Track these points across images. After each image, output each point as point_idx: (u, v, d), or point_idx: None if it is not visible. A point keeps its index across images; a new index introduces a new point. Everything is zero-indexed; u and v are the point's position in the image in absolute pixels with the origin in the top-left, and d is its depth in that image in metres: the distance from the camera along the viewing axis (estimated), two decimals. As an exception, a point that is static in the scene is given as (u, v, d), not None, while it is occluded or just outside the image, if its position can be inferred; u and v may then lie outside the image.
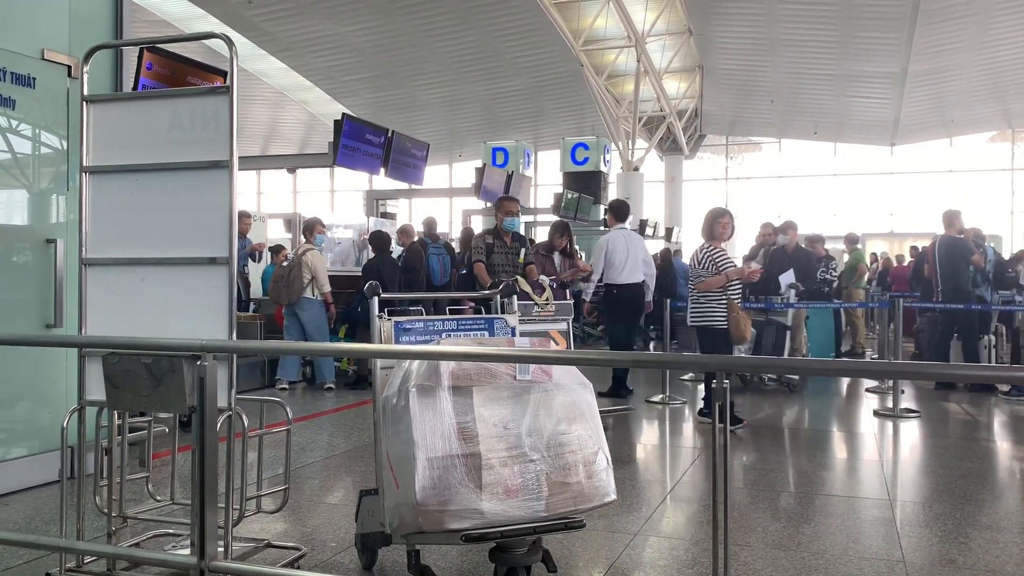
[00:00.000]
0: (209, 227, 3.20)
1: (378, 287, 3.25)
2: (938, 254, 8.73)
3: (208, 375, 2.68)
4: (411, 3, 17.78)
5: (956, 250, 8.65)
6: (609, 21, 19.30)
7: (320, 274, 8.19)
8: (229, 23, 17.88)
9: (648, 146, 24.10)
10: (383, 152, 12.03)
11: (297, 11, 18.20)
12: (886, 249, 21.01)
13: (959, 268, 8.61)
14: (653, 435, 6.82)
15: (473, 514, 2.67)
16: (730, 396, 2.44)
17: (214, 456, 2.73)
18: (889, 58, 19.07)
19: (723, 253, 6.53)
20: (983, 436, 6.69)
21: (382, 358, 3.20)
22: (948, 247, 8.67)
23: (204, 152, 3.21)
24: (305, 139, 28.05)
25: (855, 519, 4.26)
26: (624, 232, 8.07)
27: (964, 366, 6.99)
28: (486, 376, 2.81)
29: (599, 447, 2.90)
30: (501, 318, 3.51)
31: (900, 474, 5.49)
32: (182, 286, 3.26)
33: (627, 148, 22.53)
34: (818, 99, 22.94)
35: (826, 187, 25.62)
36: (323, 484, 4.97)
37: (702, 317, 6.54)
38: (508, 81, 22.24)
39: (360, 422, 6.75)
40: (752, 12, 18.62)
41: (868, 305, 11.67)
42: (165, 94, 4.23)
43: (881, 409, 7.40)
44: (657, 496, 4.72)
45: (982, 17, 17.32)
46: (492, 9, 18.18)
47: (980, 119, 24.07)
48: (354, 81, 22.37)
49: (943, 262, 8.66)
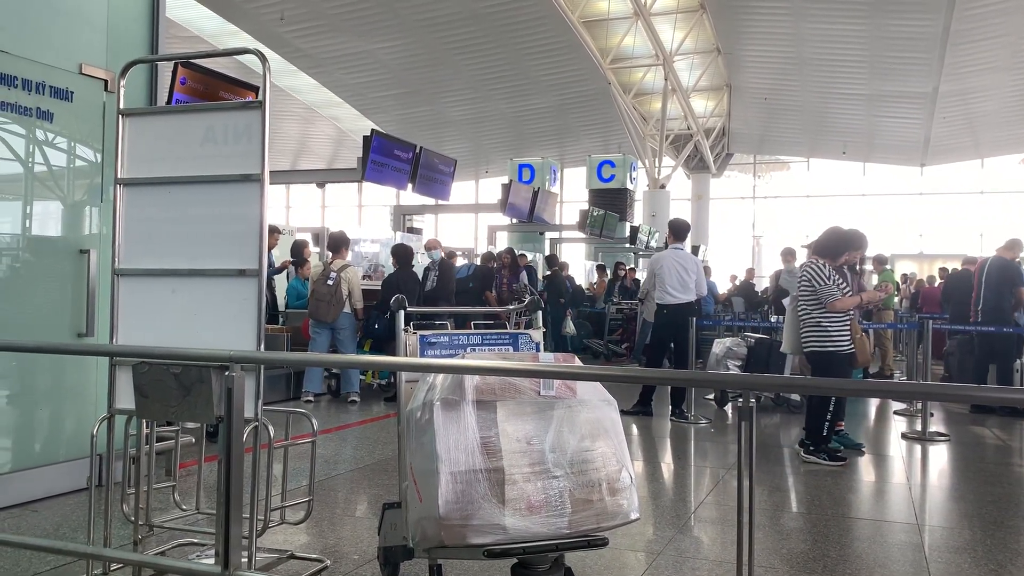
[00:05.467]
0: (239, 239, 3.23)
1: (404, 301, 3.26)
2: (987, 273, 8.64)
3: (236, 386, 2.70)
4: (440, 21, 17.95)
5: (1007, 273, 8.58)
6: (637, 40, 19.37)
7: (356, 290, 8.30)
8: (261, 39, 18.14)
9: (675, 164, 24.07)
10: (411, 168, 12.13)
11: (328, 28, 18.44)
12: (915, 270, 20.77)
13: (1004, 291, 8.51)
14: (678, 454, 6.77)
15: (495, 529, 2.66)
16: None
17: (240, 466, 2.74)
18: (920, 78, 18.94)
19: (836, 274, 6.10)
20: (1015, 461, 6.58)
21: (407, 371, 3.21)
22: (1000, 268, 8.59)
23: (236, 166, 3.24)
24: (334, 154, 28.33)
25: (882, 543, 4.19)
26: (675, 252, 8.03)
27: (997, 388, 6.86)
28: (510, 391, 2.80)
29: (623, 465, 2.89)
30: (526, 333, 3.51)
31: (929, 498, 5.40)
32: (212, 297, 3.29)
33: (654, 166, 22.52)
34: (847, 119, 22.79)
35: (855, 207, 25.40)
36: (347, 496, 4.99)
37: (826, 342, 5.99)
38: (535, 98, 22.34)
39: (384, 435, 6.77)
40: (781, 32, 18.59)
41: (897, 327, 11.52)
42: (199, 108, 4.30)
43: (910, 432, 7.30)
44: (681, 516, 4.68)
45: (1015, 38, 17.14)
46: (521, 27, 18.30)
47: (1012, 140, 23.76)
48: (383, 98, 22.59)
49: (991, 282, 8.56)
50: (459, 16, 17.62)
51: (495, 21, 17.91)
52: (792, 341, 6.48)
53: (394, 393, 8.54)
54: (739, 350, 8.53)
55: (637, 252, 19.97)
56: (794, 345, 6.46)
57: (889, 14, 16.44)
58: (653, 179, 22.65)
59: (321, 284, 8.20)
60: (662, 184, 22.83)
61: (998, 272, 8.56)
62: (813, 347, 6.08)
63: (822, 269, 6.01)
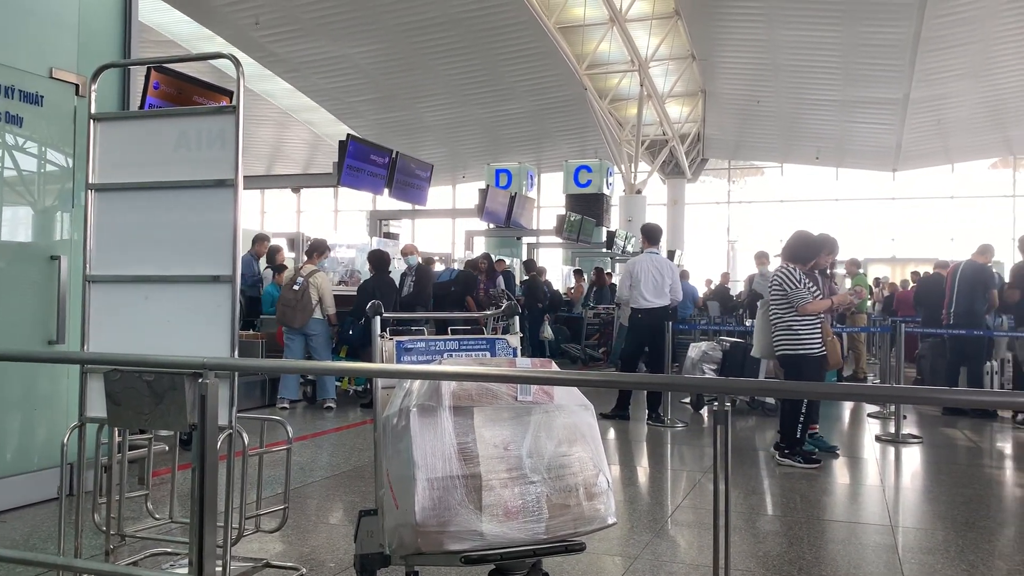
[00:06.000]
0: (213, 245, 3.20)
1: (380, 307, 3.25)
2: (961, 277, 8.74)
3: (209, 393, 2.67)
4: (417, 26, 17.94)
5: (980, 276, 8.68)
6: (613, 46, 19.46)
7: (328, 297, 8.23)
8: (236, 44, 18.05)
9: (651, 169, 24.20)
10: (387, 173, 12.10)
11: (303, 33, 18.37)
12: (888, 274, 21.00)
13: (977, 294, 8.61)
14: (654, 458, 6.80)
15: (473, 535, 2.65)
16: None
17: (214, 474, 2.72)
18: (891, 85, 19.18)
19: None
20: (986, 463, 6.67)
21: (383, 377, 3.20)
22: (974, 272, 8.69)
23: (209, 171, 3.22)
24: (310, 159, 28.21)
25: (857, 545, 4.23)
26: (651, 256, 8.06)
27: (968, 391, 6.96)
28: (487, 396, 2.80)
29: (600, 469, 2.89)
30: (503, 338, 3.51)
31: (902, 500, 5.46)
32: (185, 304, 3.26)
33: (630, 171, 22.63)
34: (820, 124, 23.05)
35: (828, 212, 25.67)
36: (323, 504, 4.95)
37: (798, 345, 6.03)
38: (512, 104, 22.38)
39: (360, 442, 6.73)
40: (755, 38, 18.76)
41: (870, 330, 11.65)
42: (171, 113, 4.26)
43: (883, 434, 7.37)
44: (658, 520, 4.69)
45: (983, 45, 17.43)
46: (497, 33, 18.33)
47: (981, 146, 24.16)
48: (359, 102, 22.53)
49: (964, 286, 8.66)
50: (436, 21, 17.63)
51: (472, 26, 17.94)
52: (763, 345, 6.53)
53: (370, 399, 8.48)
54: (714, 354, 8.58)
55: (614, 257, 20.05)
56: (765, 349, 6.51)
57: (861, 21, 16.65)
58: (629, 184, 22.77)
59: (288, 289, 8.21)
60: (638, 189, 22.95)
61: (972, 276, 8.67)
62: (785, 350, 6.12)
63: (792, 273, 6.06)
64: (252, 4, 16.96)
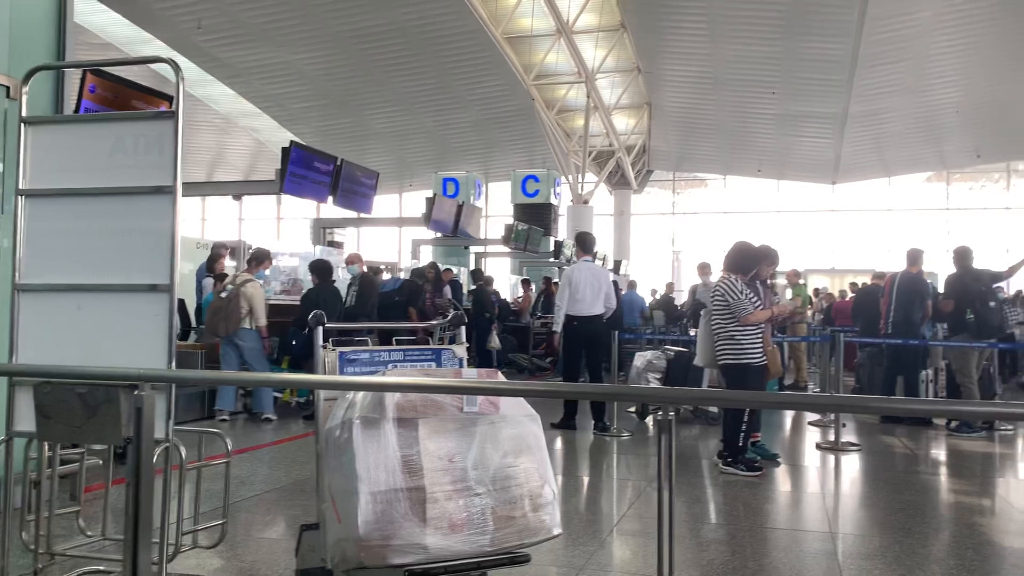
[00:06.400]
0: (150, 253, 3.13)
1: (323, 316, 3.20)
2: (897, 288, 8.94)
3: (145, 405, 2.60)
4: (363, 33, 17.83)
5: (916, 288, 8.90)
6: (560, 57, 19.61)
7: (258, 306, 8.05)
8: (177, 48, 17.70)
9: (597, 180, 24.42)
10: (331, 180, 11.98)
11: (247, 38, 18.11)
12: (827, 284, 21.47)
13: (914, 304, 8.83)
14: (600, 468, 6.82)
15: (416, 549, 2.62)
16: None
17: (149, 489, 2.64)
18: (830, 99, 19.66)
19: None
20: (922, 469, 6.83)
21: (326, 389, 3.15)
22: (910, 282, 8.90)
23: (147, 177, 3.15)
24: (252, 166, 27.81)
25: (798, 552, 4.29)
26: (588, 264, 8.09)
27: (904, 400, 7.14)
28: (432, 408, 2.77)
29: (545, 480, 2.88)
30: (449, 349, 3.49)
31: (842, 507, 5.56)
32: (121, 314, 3.18)
33: (577, 181, 22.80)
34: (762, 138, 23.51)
35: (770, 223, 26.19)
36: (263, 518, 4.85)
37: (740, 354, 6.09)
38: (460, 113, 22.38)
39: (302, 455, 6.62)
40: (698, 52, 19.07)
41: (810, 340, 11.88)
42: (108, 118, 4.16)
43: (823, 442, 7.51)
44: (603, 529, 4.70)
45: (917, 62, 17.99)
46: (444, 42, 18.32)
47: (917, 160, 24.91)
48: (303, 109, 22.29)
49: (902, 296, 8.87)
50: (383, 29, 17.54)
51: (419, 35, 17.89)
52: (706, 354, 6.61)
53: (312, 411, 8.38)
54: (659, 363, 8.65)
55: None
56: (707, 358, 6.59)
57: (801, 37, 17.05)
58: (576, 194, 22.93)
59: (217, 296, 8.10)
60: (585, 199, 23.13)
61: (908, 287, 8.90)
62: (727, 360, 6.19)
63: (734, 284, 6.14)
64: (194, 8, 16.67)
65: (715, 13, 16.99)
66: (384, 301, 10.20)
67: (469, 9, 16.66)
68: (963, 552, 4.26)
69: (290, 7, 16.79)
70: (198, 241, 11.98)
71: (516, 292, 18.52)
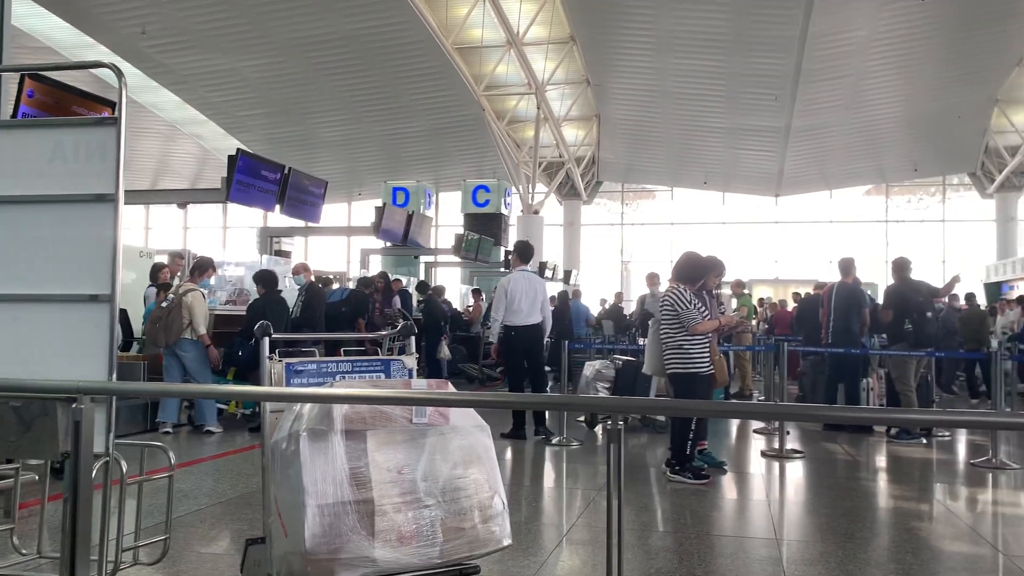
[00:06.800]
0: (91, 263, 3.06)
1: (269, 327, 3.16)
2: (835, 299, 9.13)
3: (84, 419, 2.54)
4: (311, 41, 17.69)
5: (853, 297, 9.09)
6: (510, 68, 19.71)
7: (197, 316, 7.89)
8: (121, 53, 17.36)
9: (547, 190, 24.57)
10: (279, 189, 11.83)
11: (193, 44, 17.83)
12: (771, 294, 21.86)
13: (852, 314, 9.02)
14: (550, 477, 6.83)
15: (365, 562, 2.60)
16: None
17: (88, 505, 2.57)
18: (774, 114, 20.09)
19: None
20: (863, 476, 6.98)
21: (272, 401, 3.10)
22: (847, 293, 9.09)
23: (88, 185, 3.08)
24: (197, 174, 27.36)
25: (744, 559, 4.35)
26: (524, 274, 8.10)
27: (845, 408, 7.28)
28: (381, 419, 2.75)
29: (495, 491, 2.88)
30: (398, 359, 3.47)
31: (786, 513, 5.65)
32: (60, 325, 3.10)
33: (527, 192, 22.90)
34: (708, 150, 23.91)
35: (716, 234, 26.61)
36: (207, 533, 4.76)
37: (688, 363, 6.15)
38: (409, 122, 22.31)
39: (248, 467, 6.51)
40: (646, 66, 19.33)
41: (755, 348, 12.08)
42: (47, 123, 4.05)
43: (768, 450, 7.63)
44: (553, 539, 4.71)
45: (857, 78, 18.50)
46: (393, 50, 18.26)
47: (857, 173, 25.60)
48: (250, 116, 22.01)
49: (839, 307, 9.05)
50: (331, 37, 17.43)
51: (367, 43, 17.81)
52: (654, 363, 6.67)
53: (259, 423, 8.25)
54: (607, 372, 8.71)
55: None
56: (656, 367, 6.65)
57: (745, 52, 17.40)
58: (527, 205, 23.03)
59: (157, 306, 7.98)
60: (535, 210, 23.24)
61: (846, 297, 9.10)
62: (676, 369, 6.25)
63: (683, 294, 6.21)
64: (138, 12, 16.37)
65: (662, 28, 17.24)
66: (331, 311, 10.08)
67: (419, 19, 16.66)
68: (903, 556, 4.37)
69: (236, 14, 16.60)
70: (141, 250, 11.72)
71: (467, 302, 18.48)
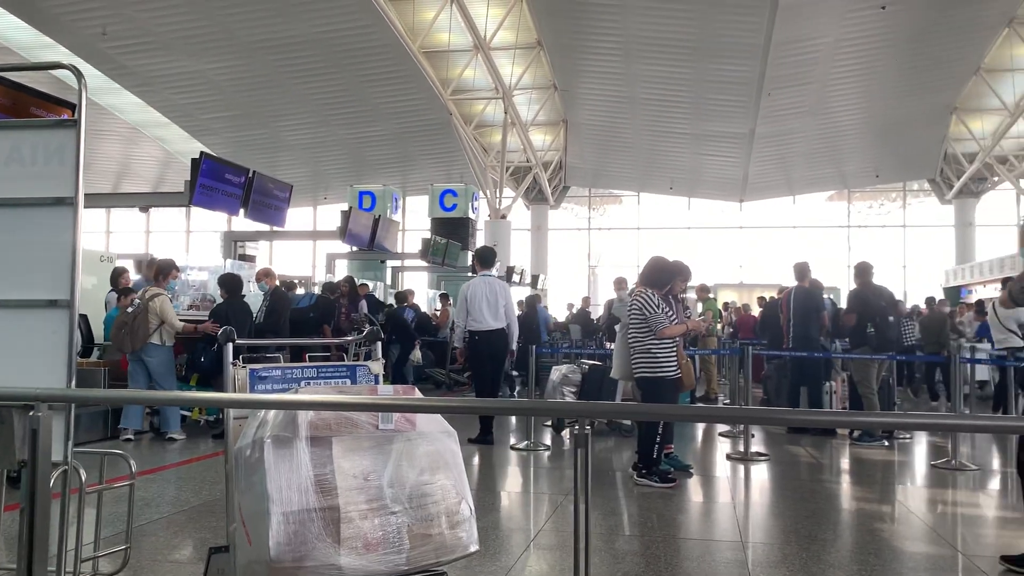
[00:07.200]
0: (50, 267, 3.01)
1: (232, 333, 3.12)
2: (793, 304, 9.23)
3: (42, 426, 2.48)
4: (276, 44, 17.54)
5: (810, 302, 9.20)
6: (478, 73, 19.71)
7: (171, 317, 7.81)
8: (81, 54, 17.08)
9: (515, 195, 24.59)
10: (243, 192, 11.72)
11: (155, 46, 17.60)
12: (736, 299, 22.09)
13: (811, 318, 9.13)
14: (517, 482, 6.82)
15: (330, 570, 2.57)
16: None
17: (45, 515, 2.51)
18: (738, 120, 20.31)
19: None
20: (826, 478, 7.06)
21: (235, 407, 3.07)
22: (804, 298, 9.20)
23: (46, 188, 3.03)
24: (160, 177, 27.01)
25: (711, 562, 4.38)
26: (486, 279, 8.08)
27: (809, 412, 7.37)
28: (347, 426, 2.73)
29: (462, 497, 2.87)
30: (364, 365, 3.44)
31: (751, 516, 5.69)
32: (16, 330, 3.03)
33: (495, 196, 22.91)
34: (674, 156, 24.11)
35: (681, 239, 26.84)
36: (169, 542, 4.68)
37: (655, 367, 6.18)
38: (376, 125, 22.21)
39: (211, 475, 6.42)
40: (613, 71, 19.45)
41: (720, 352, 12.19)
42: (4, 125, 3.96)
43: (733, 453, 7.69)
44: (520, 544, 4.70)
45: (820, 86, 18.76)
46: (359, 53, 18.17)
47: (819, 179, 25.97)
48: (214, 119, 21.76)
49: (797, 312, 9.16)
50: (296, 40, 17.29)
51: (333, 47, 17.70)
52: (622, 367, 6.69)
53: (222, 430, 8.14)
54: (574, 377, 8.73)
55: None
56: (624, 371, 6.67)
57: (711, 59, 17.57)
58: (494, 209, 23.04)
59: (123, 311, 7.87)
60: (503, 214, 23.25)
61: (803, 301, 9.22)
62: (643, 372, 6.27)
63: (651, 298, 6.24)
64: (99, 13, 16.10)
65: (629, 34, 17.36)
66: (297, 317, 9.98)
67: (386, 22, 16.59)
68: (866, 557, 4.42)
69: (199, 16, 16.41)
70: (102, 254, 11.53)
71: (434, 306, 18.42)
